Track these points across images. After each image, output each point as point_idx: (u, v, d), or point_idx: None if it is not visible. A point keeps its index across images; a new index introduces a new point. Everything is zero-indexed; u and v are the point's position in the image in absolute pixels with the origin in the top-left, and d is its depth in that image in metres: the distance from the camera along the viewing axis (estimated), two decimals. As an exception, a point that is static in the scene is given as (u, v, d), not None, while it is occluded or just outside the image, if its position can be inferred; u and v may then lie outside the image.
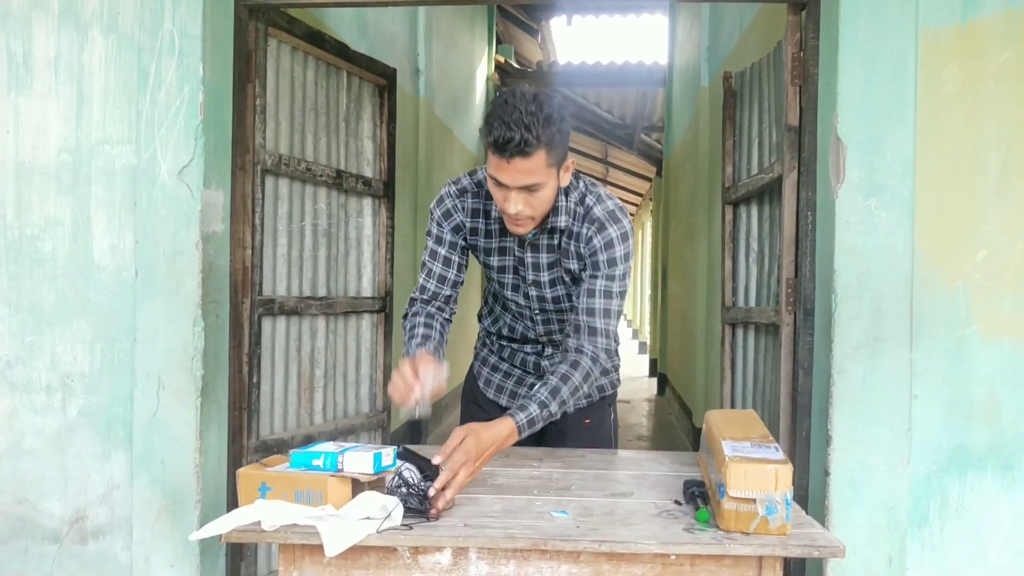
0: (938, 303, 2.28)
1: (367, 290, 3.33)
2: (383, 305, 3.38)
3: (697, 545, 1.31)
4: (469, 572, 1.34)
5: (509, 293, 1.95)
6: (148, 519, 2.36)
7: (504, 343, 2.11)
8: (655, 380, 9.78)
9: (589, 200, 1.81)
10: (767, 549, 1.31)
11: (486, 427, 1.56)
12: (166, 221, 2.35)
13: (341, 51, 3.10)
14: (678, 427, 7.09)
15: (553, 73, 9.40)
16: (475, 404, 2.16)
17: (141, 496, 2.36)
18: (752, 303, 3.09)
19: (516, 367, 2.11)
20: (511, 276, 1.91)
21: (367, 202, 3.32)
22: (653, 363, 10.51)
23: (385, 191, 3.37)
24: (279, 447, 2.75)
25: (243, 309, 2.60)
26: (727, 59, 4.91)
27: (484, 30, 8.72)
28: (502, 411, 2.04)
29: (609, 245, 1.77)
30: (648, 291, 13.90)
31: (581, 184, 1.83)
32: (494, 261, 1.91)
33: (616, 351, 2.13)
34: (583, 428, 2.10)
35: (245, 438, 2.60)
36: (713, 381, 4.95)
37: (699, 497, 1.49)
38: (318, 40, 2.96)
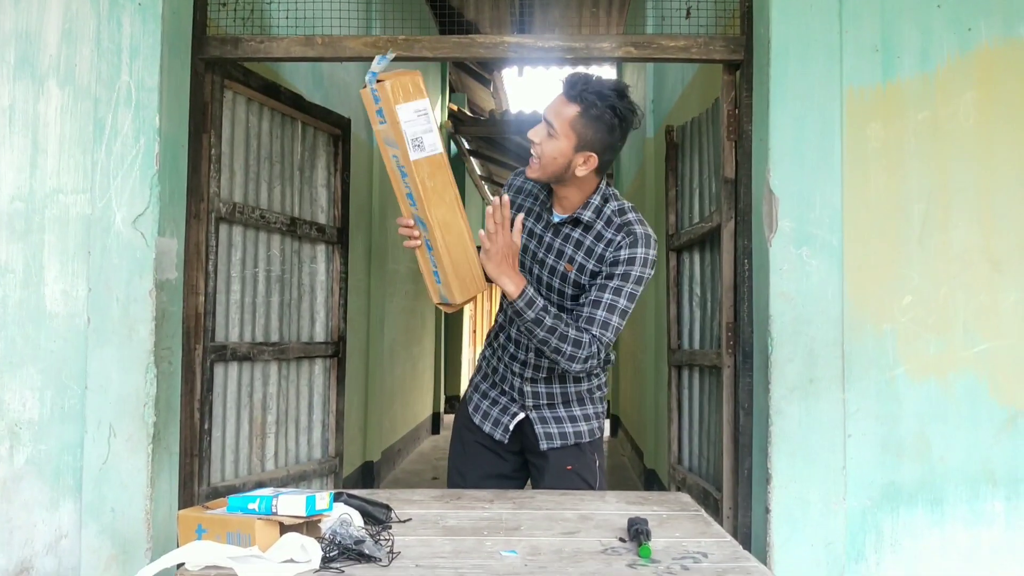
0: (868, 346, 2.39)
1: (320, 335, 3.35)
2: (336, 350, 3.40)
3: (639, 581, 1.36)
4: (420, 612, 1.37)
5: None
6: (97, 568, 2.33)
7: (496, 361, 2.14)
8: (608, 422, 9.84)
9: (624, 208, 1.97)
10: (705, 583, 1.37)
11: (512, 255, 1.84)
12: (120, 269, 2.37)
13: (296, 102, 3.17)
14: (630, 468, 7.15)
15: (505, 121, 9.56)
16: (467, 429, 2.19)
17: (90, 545, 2.33)
18: (696, 346, 3.18)
19: (504, 394, 2.13)
20: (526, 255, 2.03)
21: (321, 248, 3.36)
22: (607, 404, 10.56)
23: (339, 237, 3.41)
24: (230, 494, 2.73)
25: (195, 355, 2.60)
26: (670, 113, 5.09)
27: (438, 79, 8.87)
28: (486, 436, 2.13)
29: (633, 261, 1.90)
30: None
31: (612, 192, 2.01)
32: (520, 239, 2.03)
33: (602, 387, 2.15)
34: (565, 474, 2.08)
35: (196, 485, 2.59)
36: (663, 422, 5.02)
37: (642, 534, 1.55)
38: (273, 92, 3.03)
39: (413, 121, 1.83)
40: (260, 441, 3.01)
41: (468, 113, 9.49)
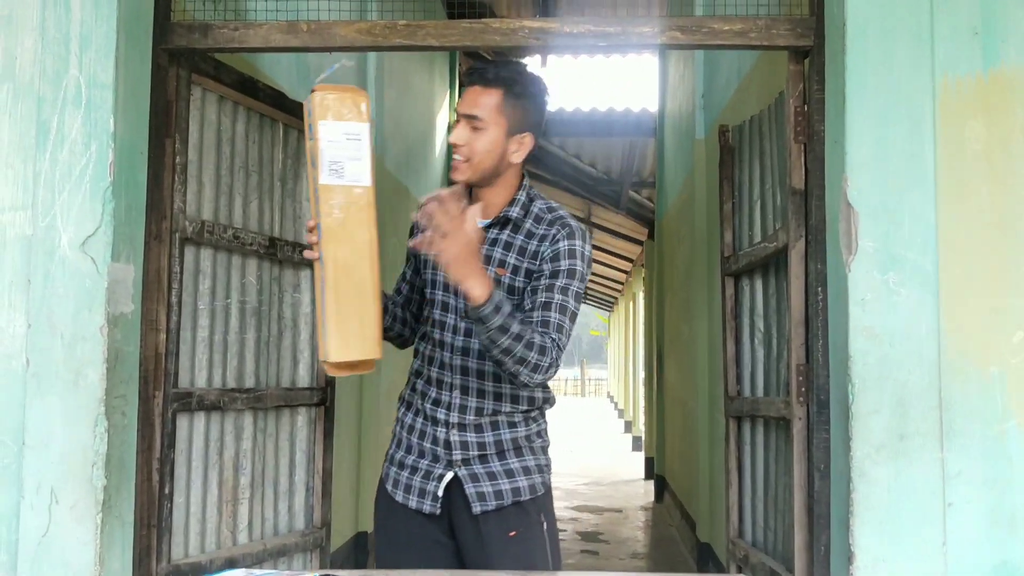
0: (971, 393, 2.35)
1: (304, 379, 3.35)
2: (323, 397, 3.39)
3: None
4: None
5: (440, 295, 2.20)
6: (32, 664, 2.31)
7: (413, 416, 2.22)
8: (652, 483, 9.76)
9: (553, 205, 2.19)
10: None
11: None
12: (65, 301, 2.38)
13: (277, 100, 3.19)
14: (680, 541, 7.06)
15: (526, 121, 9.59)
16: (389, 515, 2.22)
17: (24, 636, 2.32)
18: (760, 392, 3.14)
19: (423, 455, 2.17)
20: (444, 280, 2.17)
21: (305, 274, 3.36)
22: (649, 463, 10.49)
23: (327, 262, 3.41)
24: (194, 573, 2.72)
25: (154, 405, 2.60)
26: (725, 109, 5.08)
27: (445, 72, 8.93)
28: (414, 513, 2.16)
29: (574, 254, 2.10)
30: (642, 375, 13.95)
31: (536, 192, 2.23)
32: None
33: (542, 434, 2.24)
34: (508, 542, 2.11)
35: (155, 562, 2.58)
36: (719, 486, 4.97)
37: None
38: (250, 88, 3.05)
39: (338, 143, 1.98)
40: (231, 508, 3.00)
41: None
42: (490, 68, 2.09)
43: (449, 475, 2.14)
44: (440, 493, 2.14)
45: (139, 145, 2.56)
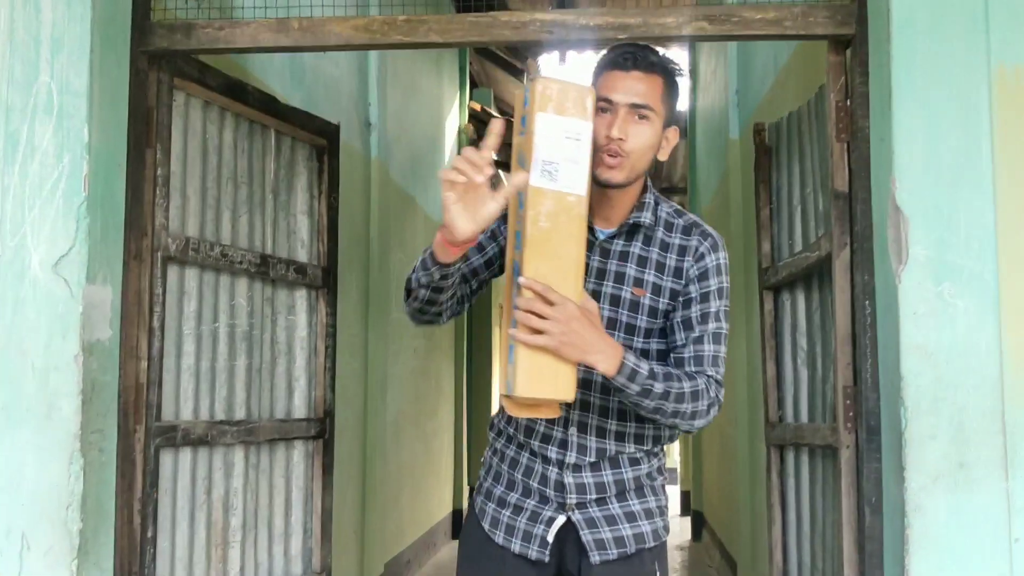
0: (1038, 416, 2.31)
1: (300, 410, 3.34)
2: (321, 429, 3.38)
3: None
4: None
5: None
6: None
7: (516, 450, 2.12)
8: (688, 520, 9.70)
9: (679, 208, 2.10)
10: None
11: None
12: (37, 327, 2.38)
13: (268, 105, 3.20)
14: (719, 583, 7.01)
15: (544, 123, 9.58)
16: (485, 556, 2.13)
17: None
18: (803, 418, 3.11)
19: (528, 494, 2.09)
20: None
21: (301, 295, 3.37)
22: (685, 497, 10.43)
23: (324, 280, 3.42)
24: (182, 624, 2.71)
25: (135, 440, 2.60)
26: (760, 105, 5.07)
27: (455, 71, 8.97)
28: (515, 558, 2.07)
29: (719, 271, 2.04)
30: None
31: (650, 183, 2.11)
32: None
33: (663, 470, 2.22)
34: None
35: (136, 613, 2.57)
36: (761, 522, 4.92)
37: None
38: (238, 92, 3.06)
39: (555, 141, 1.88)
40: (221, 552, 2.99)
41: (495, 113, 9.56)
42: (647, 52, 1.97)
43: (561, 519, 2.06)
44: (551, 539, 2.05)
45: (117, 156, 2.56)
